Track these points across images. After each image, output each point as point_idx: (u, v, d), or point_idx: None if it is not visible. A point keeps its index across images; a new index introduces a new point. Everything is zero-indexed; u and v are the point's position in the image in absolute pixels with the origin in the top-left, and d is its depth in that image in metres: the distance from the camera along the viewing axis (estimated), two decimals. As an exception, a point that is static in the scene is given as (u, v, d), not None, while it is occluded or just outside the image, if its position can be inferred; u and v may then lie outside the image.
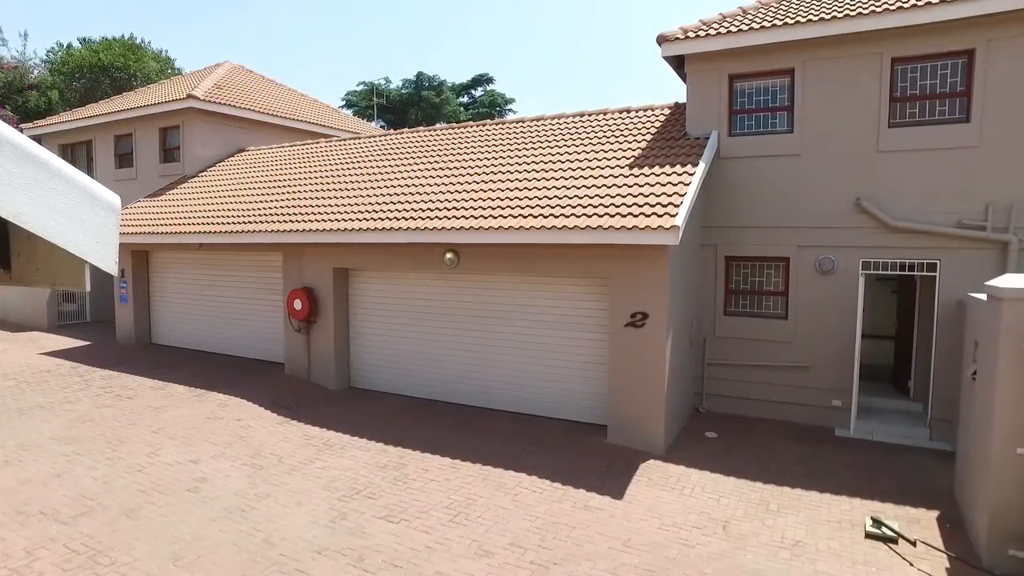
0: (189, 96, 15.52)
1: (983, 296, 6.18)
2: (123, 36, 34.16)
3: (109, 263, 1.67)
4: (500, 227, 8.56)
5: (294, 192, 12.75)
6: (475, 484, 7.16)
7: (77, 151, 19.33)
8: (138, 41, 34.51)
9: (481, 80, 45.81)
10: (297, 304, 11.21)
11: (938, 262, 8.57)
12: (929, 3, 8.11)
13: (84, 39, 34.65)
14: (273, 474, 7.46)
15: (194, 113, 15.98)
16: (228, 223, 12.13)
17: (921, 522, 6.35)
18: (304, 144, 16.08)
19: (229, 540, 5.90)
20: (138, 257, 14.81)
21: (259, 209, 12.35)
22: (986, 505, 5.51)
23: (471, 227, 8.81)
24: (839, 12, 8.66)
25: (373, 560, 5.57)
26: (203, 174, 16.00)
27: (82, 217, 1.55)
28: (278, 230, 11.03)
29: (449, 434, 8.80)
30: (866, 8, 8.52)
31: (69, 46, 34.19)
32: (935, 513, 6.55)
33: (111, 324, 16.41)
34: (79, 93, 30.73)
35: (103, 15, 65.37)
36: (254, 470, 7.57)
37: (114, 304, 15.36)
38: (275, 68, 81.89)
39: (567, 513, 6.46)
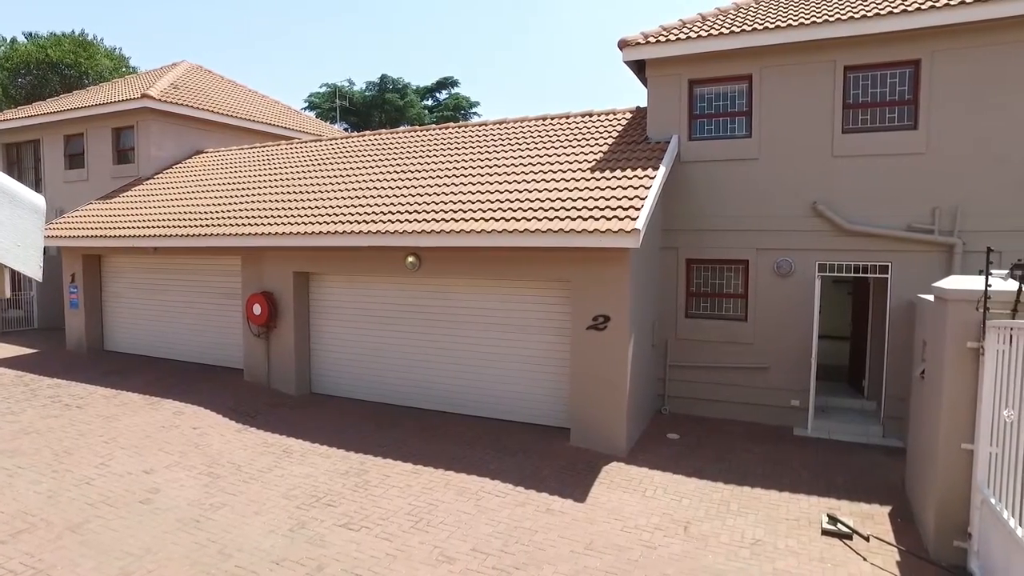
0: (144, 96, 15.08)
1: (930, 297, 6.38)
2: (73, 32, 33.04)
3: (32, 267, 1.58)
4: (462, 230, 8.52)
5: (254, 195, 12.48)
6: (437, 489, 7.09)
7: (23, 151, 18.63)
8: (90, 38, 33.41)
9: (446, 83, 45.60)
10: (256, 309, 10.97)
11: (890, 264, 8.83)
12: (878, 14, 8.38)
13: (30, 34, 33.42)
14: (230, 483, 7.27)
15: (149, 113, 15.54)
16: (185, 226, 11.81)
17: (874, 517, 6.52)
18: (264, 146, 15.78)
19: (182, 552, 5.72)
20: (90, 261, 14.31)
21: (217, 212, 12.06)
22: (933, 499, 5.68)
23: (432, 230, 8.74)
24: (794, 21, 8.88)
25: (332, 569, 5.46)
26: (159, 176, 15.56)
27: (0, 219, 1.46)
28: (237, 233, 10.78)
29: (411, 439, 8.71)
30: (819, 17, 8.75)
31: (13, 40, 32.91)
32: (887, 508, 6.73)
33: (60, 331, 15.81)
34: (25, 90, 29.63)
35: (51, 9, 63.13)
36: (210, 479, 7.36)
37: (63, 310, 14.80)
38: (235, 69, 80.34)
39: (529, 517, 6.44)
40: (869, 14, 8.43)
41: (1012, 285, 5.21)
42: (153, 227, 12.30)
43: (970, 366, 5.40)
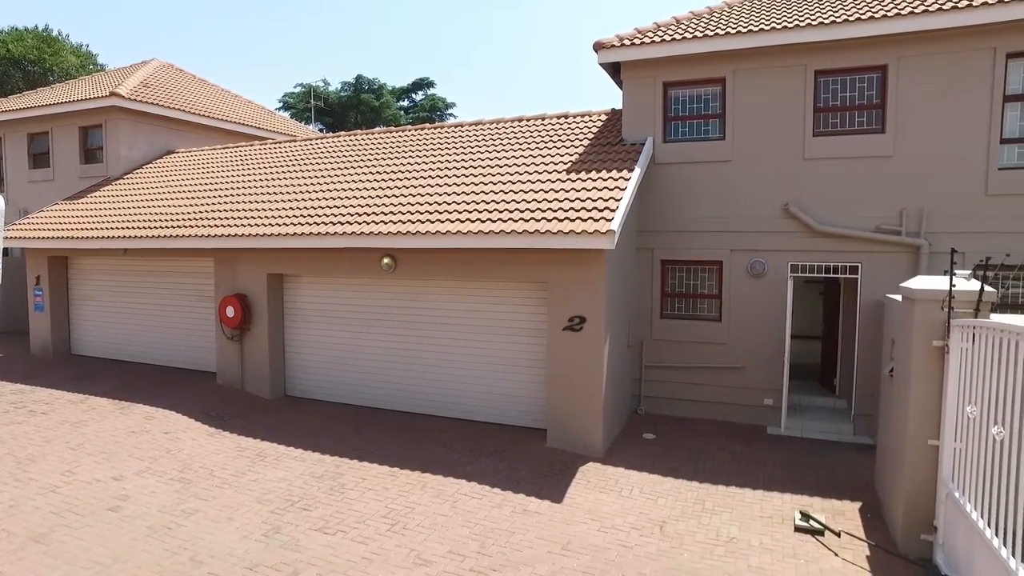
0: (112, 94, 14.75)
1: (898, 297, 6.52)
2: (37, 27, 32.15)
3: (-9, 269, 1.53)
4: (437, 231, 8.49)
5: (226, 196, 12.30)
6: (414, 492, 7.05)
7: (-15, 149, 18.06)
8: (55, 33, 32.56)
9: (422, 84, 45.39)
10: (229, 311, 10.80)
11: (859, 265, 9.01)
12: (846, 20, 8.57)
13: (-11, 28, 32.47)
14: (203, 488, 7.14)
15: (119, 112, 15.20)
16: (156, 227, 11.59)
17: (845, 514, 6.63)
18: (237, 146, 15.55)
19: (152, 560, 5.60)
20: (56, 263, 13.95)
21: (189, 213, 11.86)
22: (901, 494, 5.80)
23: (408, 231, 8.70)
24: (765, 25, 9.02)
25: (308, 574, 5.39)
26: (129, 176, 15.24)
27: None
28: (209, 235, 10.61)
29: (388, 442, 8.65)
30: (790, 23, 8.91)
31: (-30, 35, 31.96)
32: (858, 504, 6.86)
33: (25, 335, 15.38)
34: (-17, 86, 28.82)
35: (12, 4, 61.28)
36: (182, 485, 7.23)
37: (28, 313, 14.41)
38: (208, 68, 79.09)
39: (506, 518, 6.44)
40: (838, 20, 8.60)
41: (974, 285, 5.35)
42: (123, 228, 12.04)
43: (936, 364, 5.53)
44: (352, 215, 9.69)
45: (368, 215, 9.54)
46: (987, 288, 5.21)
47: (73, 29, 66.60)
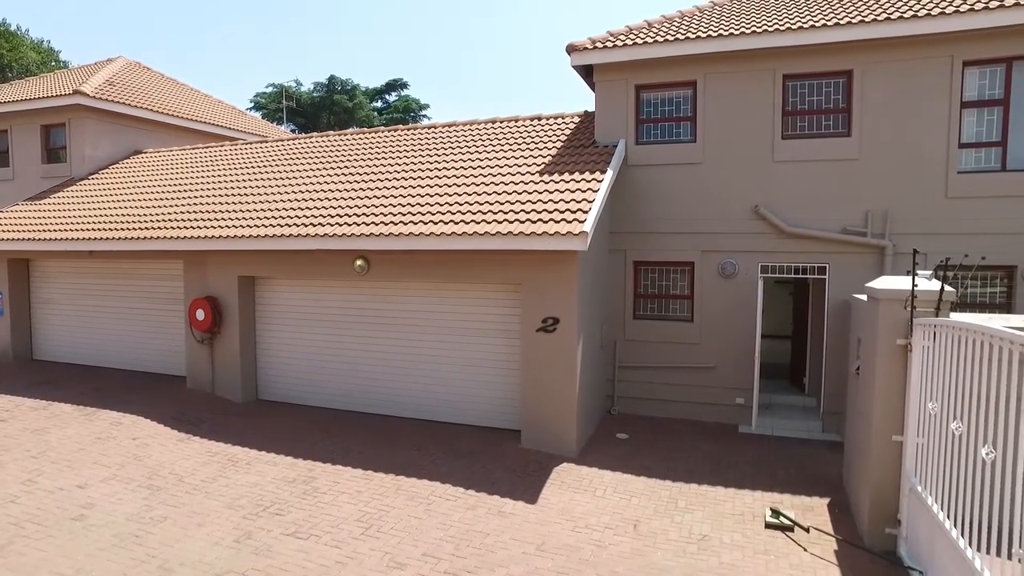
0: (77, 92, 14.39)
1: (864, 297, 6.68)
2: (-7, 21, 31.22)
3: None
4: (410, 233, 8.46)
5: (196, 197, 12.09)
6: (388, 495, 7.01)
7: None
8: (13, 28, 31.61)
9: (395, 85, 45.15)
10: (200, 314, 10.62)
11: (827, 265, 9.21)
12: (813, 26, 8.76)
13: (-58, 22, 31.41)
14: (172, 495, 7.00)
15: (83, 110, 14.83)
16: (123, 229, 11.34)
17: (814, 509, 6.77)
18: (207, 147, 15.30)
19: (118, 570, 5.47)
20: (16, 266, 13.56)
21: (157, 214, 11.63)
22: (867, 489, 5.95)
23: (381, 233, 8.65)
24: (735, 30, 9.18)
25: (279, 580, 5.33)
26: (94, 176, 14.89)
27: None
28: (178, 236, 10.42)
29: (361, 445, 8.58)
30: (759, 28, 9.07)
31: (-79, 28, 30.87)
32: (826, 500, 7.00)
33: (-15, 339, 14.91)
34: (-64, 82, 27.86)
35: (-23, 1, 59.46)
36: (150, 492, 7.08)
37: (-12, 317, 13.98)
38: (177, 67, 77.62)
39: (481, 520, 6.44)
40: (805, 26, 8.79)
41: (935, 285, 5.50)
42: (88, 229, 11.76)
43: (899, 362, 5.68)
44: (325, 216, 9.60)
45: (341, 216, 9.46)
46: (947, 288, 5.36)
47: (33, 24, 64.74)
